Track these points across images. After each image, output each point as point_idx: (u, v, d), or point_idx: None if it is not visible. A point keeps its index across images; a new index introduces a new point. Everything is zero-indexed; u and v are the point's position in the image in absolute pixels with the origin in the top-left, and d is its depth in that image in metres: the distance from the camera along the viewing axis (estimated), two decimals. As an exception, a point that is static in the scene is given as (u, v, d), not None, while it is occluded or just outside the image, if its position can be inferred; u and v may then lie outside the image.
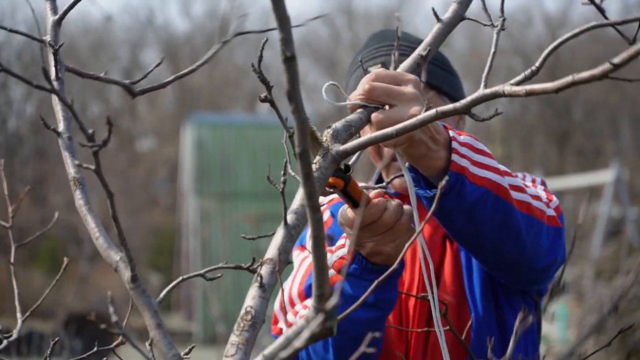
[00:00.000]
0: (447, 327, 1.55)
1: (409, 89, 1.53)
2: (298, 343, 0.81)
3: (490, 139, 26.32)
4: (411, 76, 1.56)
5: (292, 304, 1.96)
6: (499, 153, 24.46)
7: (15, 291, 1.51)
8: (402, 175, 1.66)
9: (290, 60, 0.89)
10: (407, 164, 1.64)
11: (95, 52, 28.14)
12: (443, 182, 1.27)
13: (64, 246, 18.81)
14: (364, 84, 1.54)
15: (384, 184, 1.81)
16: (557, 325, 11.03)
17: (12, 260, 1.53)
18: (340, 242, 1.81)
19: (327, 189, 1.60)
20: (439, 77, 2.08)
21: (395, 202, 1.72)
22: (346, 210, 1.71)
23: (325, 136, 1.40)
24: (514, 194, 1.71)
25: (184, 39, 29.53)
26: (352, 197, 1.67)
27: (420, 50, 1.59)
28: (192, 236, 18.00)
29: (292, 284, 1.98)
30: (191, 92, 27.00)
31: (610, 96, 25.80)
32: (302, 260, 2.04)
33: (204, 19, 30.54)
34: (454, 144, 1.60)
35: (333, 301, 0.80)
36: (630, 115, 26.07)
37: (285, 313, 1.95)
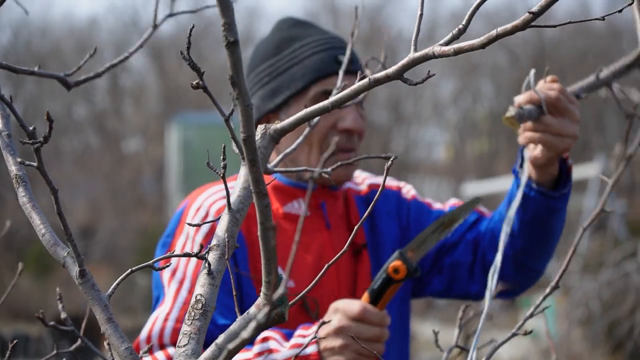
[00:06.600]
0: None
1: (577, 112, 1.89)
2: (248, 330, 0.80)
3: (477, 134, 26.35)
4: (577, 103, 1.91)
5: (162, 343, 1.86)
6: (485, 148, 24.49)
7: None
8: (348, 164, 1.56)
9: (233, 45, 0.89)
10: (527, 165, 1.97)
11: (80, 54, 28.01)
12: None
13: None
14: (557, 90, 1.85)
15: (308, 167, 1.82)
16: (544, 319, 11.06)
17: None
18: (296, 340, 1.81)
19: (388, 274, 1.73)
20: None
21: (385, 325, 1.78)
22: (355, 304, 1.75)
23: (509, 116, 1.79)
24: None
25: (169, 40, 29.46)
26: (385, 293, 1.74)
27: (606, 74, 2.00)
28: (180, 236, 17.97)
29: (167, 318, 1.88)
30: (177, 92, 26.92)
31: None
32: (181, 279, 1.92)
33: (190, 20, 30.47)
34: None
35: (280, 291, 0.81)
36: (616, 108, 26.15)
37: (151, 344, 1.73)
